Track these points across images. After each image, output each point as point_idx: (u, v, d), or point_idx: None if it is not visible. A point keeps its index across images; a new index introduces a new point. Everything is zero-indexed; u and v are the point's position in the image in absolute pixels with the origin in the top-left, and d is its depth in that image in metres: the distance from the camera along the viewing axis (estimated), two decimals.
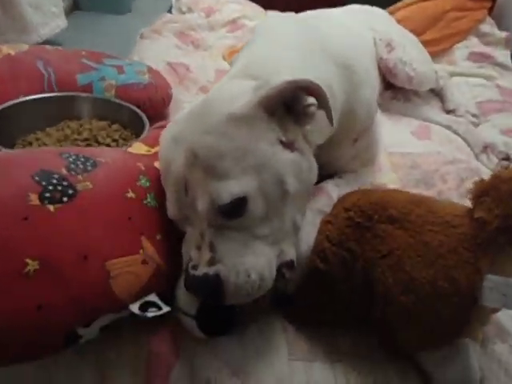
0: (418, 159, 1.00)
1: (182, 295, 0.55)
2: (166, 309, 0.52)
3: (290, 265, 0.56)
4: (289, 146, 0.54)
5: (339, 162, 0.77)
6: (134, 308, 0.51)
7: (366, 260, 0.57)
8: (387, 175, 0.96)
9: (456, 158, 1.01)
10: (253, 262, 0.50)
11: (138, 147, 0.69)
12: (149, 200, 0.57)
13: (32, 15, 1.25)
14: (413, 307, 0.53)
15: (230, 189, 0.48)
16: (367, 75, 0.73)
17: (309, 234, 0.63)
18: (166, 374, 0.55)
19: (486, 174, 0.60)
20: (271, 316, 0.63)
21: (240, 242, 0.51)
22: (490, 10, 1.58)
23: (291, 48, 0.67)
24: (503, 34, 1.50)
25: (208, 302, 0.52)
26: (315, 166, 0.60)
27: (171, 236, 0.58)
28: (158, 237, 0.56)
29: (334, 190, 0.73)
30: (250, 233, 0.51)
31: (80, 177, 0.52)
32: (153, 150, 0.68)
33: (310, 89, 0.53)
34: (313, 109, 0.54)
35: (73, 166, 0.53)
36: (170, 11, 1.76)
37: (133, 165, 0.60)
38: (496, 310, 0.58)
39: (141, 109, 0.96)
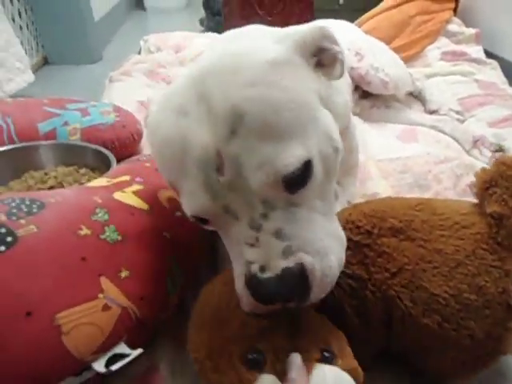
0: (407, 162, 0.95)
1: None
2: (135, 352, 0.44)
3: None
4: (325, 103, 0.45)
5: None
6: (99, 366, 0.42)
7: (375, 284, 0.48)
8: (378, 183, 0.90)
9: (448, 156, 0.96)
10: (330, 244, 0.41)
11: (98, 181, 0.62)
12: (108, 234, 0.50)
13: None
14: (439, 329, 0.44)
15: (296, 151, 0.38)
16: None
17: None
18: None
19: None
20: None
21: (309, 221, 0.40)
22: (455, 11, 1.59)
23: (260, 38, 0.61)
24: (473, 31, 1.49)
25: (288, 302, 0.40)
26: None
27: (145, 267, 0.51)
28: (124, 274, 0.49)
29: None
30: (310, 207, 0.41)
31: (23, 221, 0.46)
32: (114, 181, 0.62)
33: (331, 37, 0.46)
34: (341, 56, 0.46)
35: (15, 210, 0.47)
36: (139, 53, 1.75)
37: (88, 199, 0.54)
38: None
39: (110, 149, 0.91)
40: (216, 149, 0.37)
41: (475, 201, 0.51)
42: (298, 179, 0.39)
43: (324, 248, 0.40)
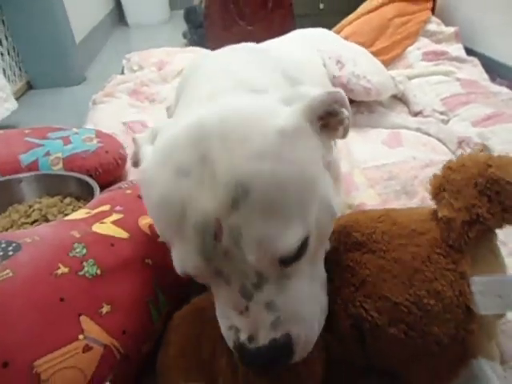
0: (393, 169, 0.95)
1: None
2: None
3: None
4: (326, 165, 0.45)
5: None
6: None
7: (343, 298, 0.48)
8: (365, 193, 0.90)
9: (433, 160, 0.95)
10: (313, 309, 0.43)
11: (77, 213, 0.62)
12: (86, 269, 0.49)
13: None
14: (406, 338, 0.44)
15: (297, 232, 0.37)
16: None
17: None
18: None
19: None
20: None
21: (298, 290, 0.41)
22: (433, 10, 1.59)
23: (248, 67, 0.60)
24: (452, 29, 1.50)
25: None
26: None
27: (127, 298, 0.50)
28: (105, 309, 0.48)
29: None
30: (300, 275, 0.41)
31: None
32: (93, 212, 0.61)
33: (341, 101, 0.45)
34: (347, 121, 0.46)
35: None
36: (122, 73, 1.75)
37: (65, 234, 0.53)
38: (501, 316, 0.49)
39: (94, 176, 0.90)
40: (216, 216, 0.36)
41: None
42: (295, 256, 0.39)
43: (309, 315, 0.41)
